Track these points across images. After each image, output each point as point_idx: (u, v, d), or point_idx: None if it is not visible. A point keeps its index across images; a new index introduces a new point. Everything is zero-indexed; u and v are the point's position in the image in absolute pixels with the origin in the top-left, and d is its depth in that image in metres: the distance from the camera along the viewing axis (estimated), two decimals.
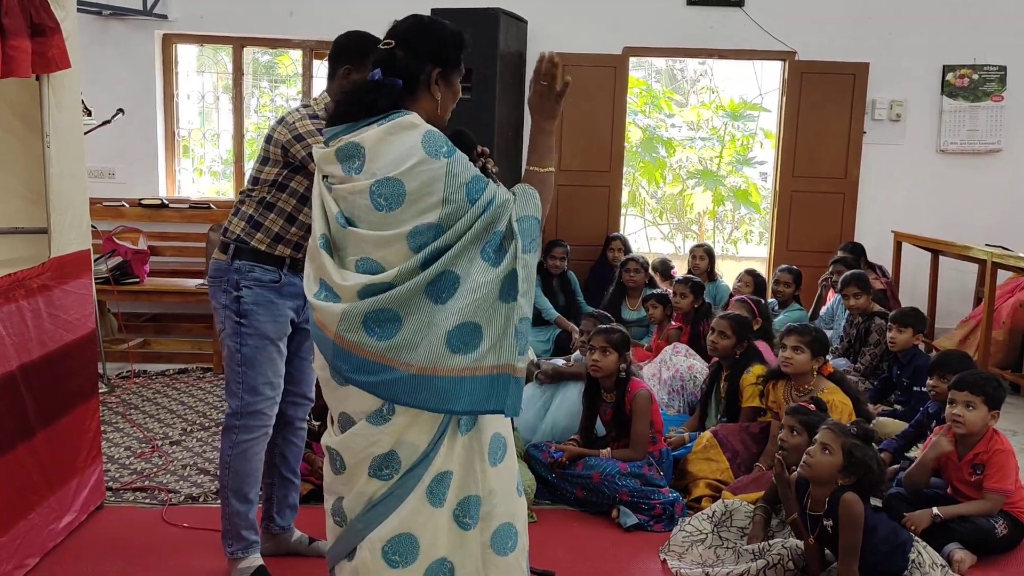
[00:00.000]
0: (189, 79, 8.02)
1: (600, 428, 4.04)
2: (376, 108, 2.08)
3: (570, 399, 4.19)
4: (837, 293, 5.96)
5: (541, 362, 4.51)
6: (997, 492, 3.35)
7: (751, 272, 5.96)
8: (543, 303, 6.35)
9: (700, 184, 10.85)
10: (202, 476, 3.96)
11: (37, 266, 3.11)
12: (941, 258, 6.58)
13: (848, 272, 5.56)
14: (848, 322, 5.58)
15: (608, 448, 3.83)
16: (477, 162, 2.27)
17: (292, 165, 2.85)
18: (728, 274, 7.09)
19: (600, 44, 6.91)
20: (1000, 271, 5.78)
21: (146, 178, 6.90)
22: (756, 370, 4.16)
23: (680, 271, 6.70)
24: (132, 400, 5.07)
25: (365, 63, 2.54)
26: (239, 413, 2.92)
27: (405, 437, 2.06)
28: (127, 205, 6.34)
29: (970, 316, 6.24)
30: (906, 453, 4.05)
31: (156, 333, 6.50)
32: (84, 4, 6.16)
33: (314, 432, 3.60)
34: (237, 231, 2.90)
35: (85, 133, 5.26)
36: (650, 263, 6.63)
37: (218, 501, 3.16)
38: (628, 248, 6.85)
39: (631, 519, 3.59)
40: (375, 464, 2.08)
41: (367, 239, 2.05)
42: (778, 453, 3.30)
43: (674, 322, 5.47)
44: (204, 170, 9.31)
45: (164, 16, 6.72)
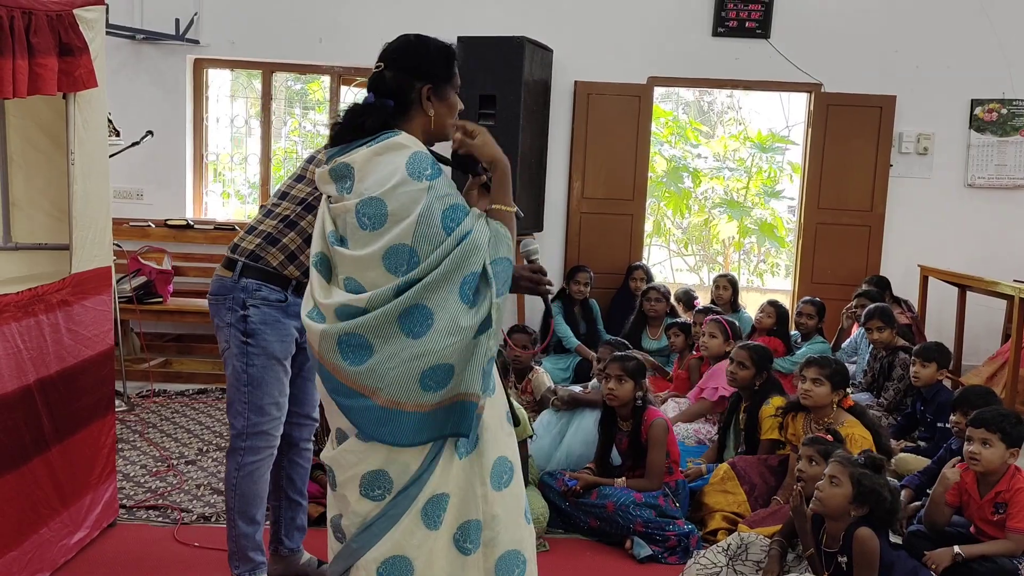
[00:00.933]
0: (220, 104, 8.13)
1: (616, 457, 3.99)
2: (366, 129, 2.11)
3: (586, 427, 4.15)
4: (861, 326, 5.89)
5: (558, 389, 4.48)
6: (1020, 532, 3.26)
7: (773, 303, 5.90)
8: (564, 331, 6.33)
9: (726, 213, 10.80)
10: (215, 496, 3.96)
11: (57, 281, 3.14)
12: (968, 293, 6.48)
13: (872, 305, 5.49)
14: (872, 356, 5.50)
15: (623, 477, 3.79)
16: (483, 175, 2.28)
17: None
18: (752, 305, 7.03)
19: (625, 74, 6.93)
20: None
21: (173, 200, 6.98)
22: (775, 402, 4.10)
23: (703, 302, 6.66)
24: (150, 419, 5.09)
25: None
26: (244, 434, 2.89)
27: (395, 456, 2.06)
28: (153, 225, 6.42)
29: (997, 353, 6.13)
30: (928, 490, 3.96)
31: (178, 353, 6.53)
32: (118, 28, 6.29)
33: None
34: (250, 247, 2.85)
35: (114, 154, 5.38)
36: (673, 293, 6.60)
37: None
38: (650, 277, 6.81)
39: (645, 550, 3.53)
40: (365, 482, 2.07)
41: (349, 259, 2.08)
42: (796, 484, 3.24)
43: (695, 352, 5.43)
44: (231, 193, 9.41)
45: (196, 41, 6.83)
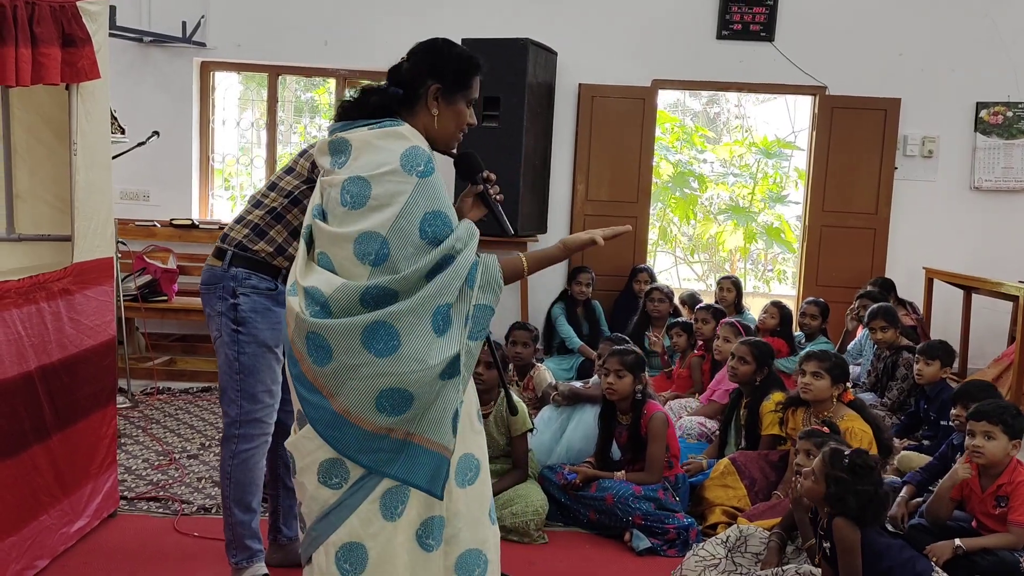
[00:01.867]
0: (227, 111, 8.17)
1: (616, 452, 3.99)
2: (370, 109, 2.13)
3: (586, 422, 4.14)
4: (864, 328, 5.88)
5: (559, 384, 4.48)
6: (1022, 525, 3.24)
7: (777, 304, 5.89)
8: (567, 331, 6.34)
9: (731, 220, 10.80)
10: (216, 488, 3.97)
11: (59, 270, 3.16)
12: (974, 296, 6.47)
13: (875, 305, 5.48)
14: (875, 356, 5.49)
15: (622, 471, 3.78)
16: (480, 185, 2.28)
17: (313, 181, 2.82)
18: (756, 309, 7.01)
19: (629, 76, 6.95)
20: None
21: (179, 201, 7.03)
22: (776, 397, 4.09)
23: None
24: (154, 415, 5.11)
25: None
26: (238, 422, 2.90)
27: None
28: (158, 225, 6.45)
29: (1003, 355, 6.11)
30: (930, 487, 3.95)
31: (182, 353, 6.56)
32: (125, 30, 6.34)
33: None
34: (239, 237, 2.88)
35: (120, 154, 5.42)
36: (678, 296, 6.60)
37: None
38: (654, 280, 6.81)
39: (644, 543, 3.53)
40: (323, 470, 2.08)
41: (325, 233, 2.10)
42: (794, 477, 3.23)
43: (696, 351, 5.43)
44: (238, 196, 9.46)
45: (203, 44, 6.88)
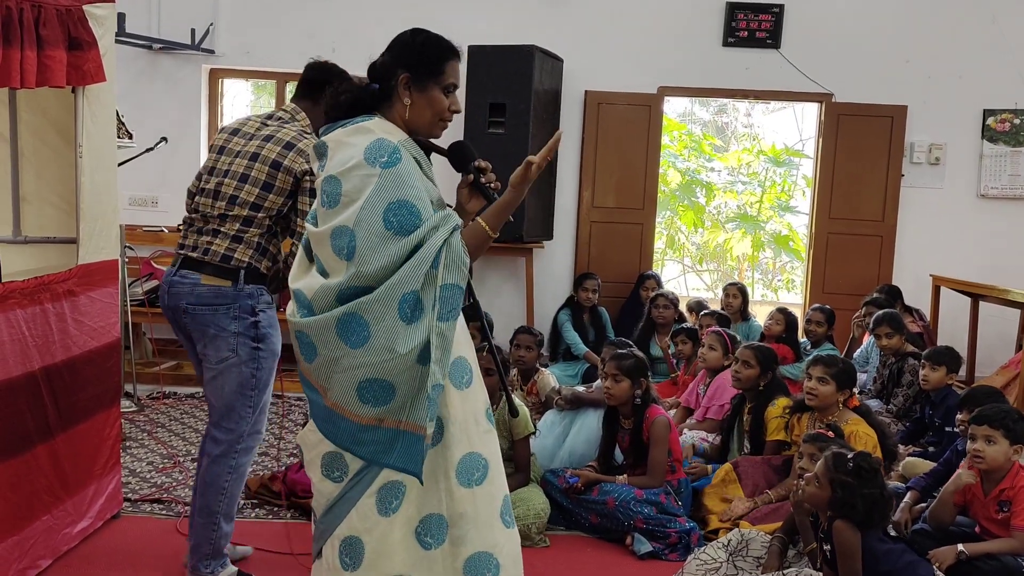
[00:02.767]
0: (236, 117, 8.21)
1: (619, 456, 3.99)
2: (348, 110, 2.17)
3: (589, 426, 4.14)
4: (870, 334, 5.86)
5: (562, 388, 4.48)
6: None
7: (782, 310, 5.89)
8: (572, 337, 6.35)
9: (739, 228, 10.79)
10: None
11: (64, 271, 3.18)
12: (982, 304, 6.44)
13: (880, 312, 5.46)
14: (881, 363, 5.47)
15: (624, 475, 3.78)
16: (472, 174, 2.27)
17: (295, 194, 2.87)
18: (764, 317, 6.99)
19: (635, 83, 6.96)
20: None
21: None
22: (781, 402, 4.07)
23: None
24: (159, 419, 5.13)
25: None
26: (244, 436, 2.92)
27: None
28: (166, 230, 6.49)
29: (1010, 362, 6.07)
30: (934, 492, 3.93)
31: (188, 357, 6.57)
32: (135, 37, 6.39)
33: None
34: (245, 258, 2.85)
35: (129, 160, 5.46)
36: (684, 303, 6.59)
37: None
38: (661, 287, 6.81)
39: (645, 547, 3.52)
40: (325, 463, 2.12)
41: (312, 234, 2.15)
42: (796, 480, 3.22)
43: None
44: None
45: (211, 51, 6.93)
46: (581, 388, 4.53)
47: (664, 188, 10.16)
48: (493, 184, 2.27)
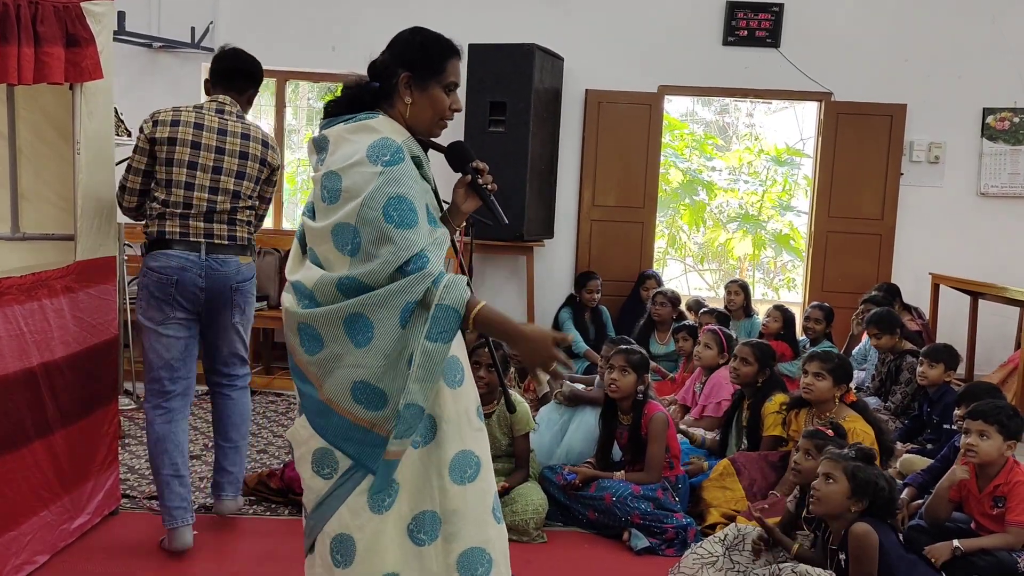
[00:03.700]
0: None
1: (617, 453, 3.99)
2: (351, 106, 2.16)
3: (587, 424, 4.16)
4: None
5: (562, 383, 4.49)
6: (1020, 526, 3.22)
7: (780, 308, 5.90)
8: (574, 336, 6.36)
9: (741, 227, 10.80)
10: None
11: (61, 268, 3.19)
12: (981, 302, 6.45)
13: (873, 311, 5.47)
14: (880, 360, 5.48)
15: (622, 471, 3.79)
16: (470, 175, 2.28)
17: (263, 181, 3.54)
18: (762, 314, 7.00)
19: (635, 82, 6.97)
20: None
21: None
22: (778, 398, 4.09)
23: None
24: None
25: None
26: None
27: None
28: None
29: (1008, 360, 6.09)
30: (931, 489, 3.93)
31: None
32: (134, 36, 6.40)
33: None
34: (251, 238, 3.52)
35: (128, 158, 5.45)
36: (684, 301, 6.60)
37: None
38: (661, 285, 6.81)
39: (642, 542, 3.53)
40: (316, 459, 2.12)
41: (310, 230, 2.14)
42: (790, 472, 3.24)
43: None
44: None
45: (211, 49, 6.92)
46: (580, 386, 4.53)
47: (665, 187, 10.16)
48: (490, 186, 2.28)
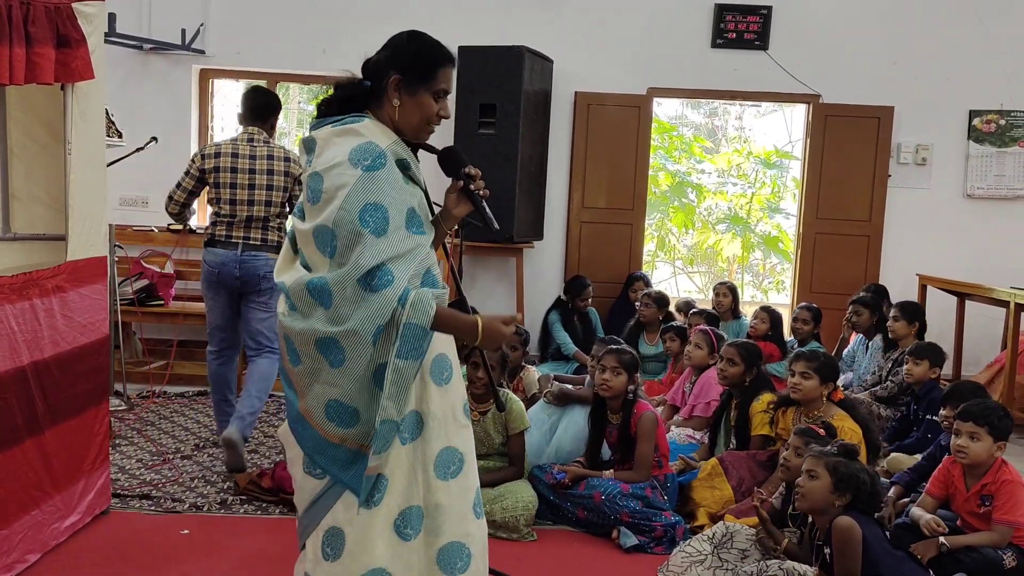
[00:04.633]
0: (226, 118, 8.22)
1: (606, 452, 4.01)
2: (340, 106, 2.18)
3: (576, 423, 4.17)
4: (857, 335, 5.93)
5: (552, 383, 4.51)
6: (1006, 524, 3.26)
7: (766, 309, 5.94)
8: (563, 337, 6.38)
9: (730, 230, 10.84)
10: (208, 488, 4.00)
11: (52, 267, 3.20)
12: (968, 303, 6.50)
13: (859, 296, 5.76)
14: (883, 357, 5.55)
15: (611, 470, 3.81)
16: (462, 180, 2.29)
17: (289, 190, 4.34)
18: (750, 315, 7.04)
19: (624, 84, 7.00)
20: None
21: None
22: (766, 398, 4.12)
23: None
24: (149, 418, 5.14)
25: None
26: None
27: None
28: (156, 230, 6.50)
29: (995, 360, 6.13)
30: (918, 487, 3.96)
31: (179, 357, 6.57)
32: (125, 38, 6.40)
33: None
34: (279, 240, 4.21)
35: (119, 159, 5.46)
36: (674, 303, 6.63)
37: (220, 511, 3.76)
38: (649, 287, 6.84)
39: (631, 540, 3.55)
40: (307, 461, 2.15)
41: (298, 230, 2.18)
42: (778, 472, 3.26)
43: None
44: None
45: (202, 51, 6.95)
46: (569, 386, 4.55)
47: (655, 189, 10.20)
48: (482, 192, 2.30)
